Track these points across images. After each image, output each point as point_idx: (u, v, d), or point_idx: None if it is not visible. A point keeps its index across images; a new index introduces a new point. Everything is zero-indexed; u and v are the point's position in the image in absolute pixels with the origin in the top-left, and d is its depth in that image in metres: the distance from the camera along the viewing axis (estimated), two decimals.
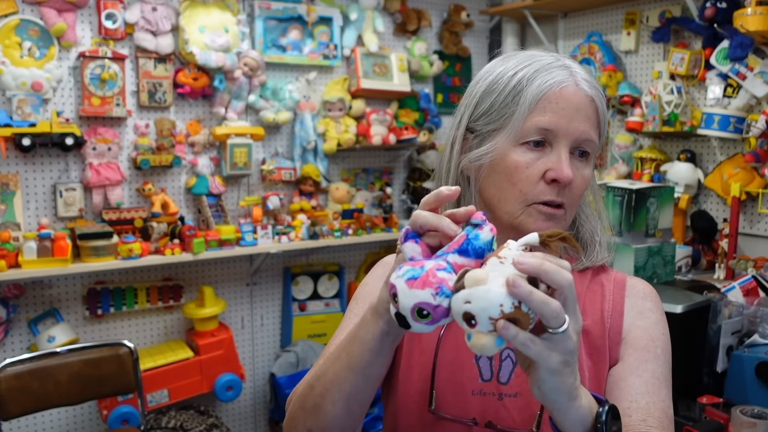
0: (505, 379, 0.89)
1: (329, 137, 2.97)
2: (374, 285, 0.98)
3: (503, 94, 0.88)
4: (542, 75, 0.86)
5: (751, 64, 2.34)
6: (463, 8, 3.30)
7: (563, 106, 0.86)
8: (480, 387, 0.89)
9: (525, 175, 0.86)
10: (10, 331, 2.51)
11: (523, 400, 0.88)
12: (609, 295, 0.93)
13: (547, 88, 0.85)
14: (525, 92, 0.86)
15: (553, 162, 0.85)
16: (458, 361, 0.90)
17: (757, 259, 2.27)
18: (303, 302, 3.11)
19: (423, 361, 0.91)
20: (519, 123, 0.86)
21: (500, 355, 0.90)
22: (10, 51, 2.36)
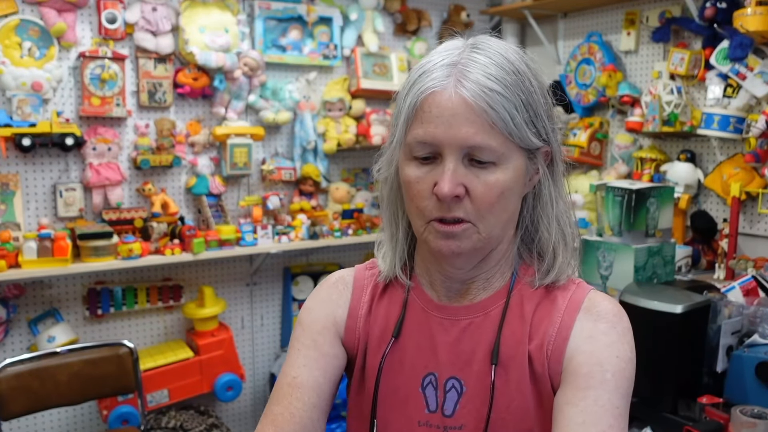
0: (449, 411, 0.86)
1: (329, 137, 2.97)
2: (320, 311, 0.95)
3: (398, 105, 0.83)
4: (420, 81, 0.79)
5: (750, 64, 2.34)
6: (463, 8, 3.30)
7: (437, 113, 0.77)
8: (426, 417, 0.86)
9: (417, 190, 0.80)
10: (10, 331, 2.51)
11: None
12: (558, 317, 0.85)
13: (419, 96, 0.78)
14: (404, 102, 0.80)
15: (438, 175, 0.78)
16: (404, 390, 0.88)
17: (757, 259, 2.27)
18: (303, 302, 3.10)
19: (368, 388, 0.91)
20: (401, 137, 0.81)
21: (444, 386, 0.86)
22: (10, 51, 2.36)
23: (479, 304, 0.88)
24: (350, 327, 0.93)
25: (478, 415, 0.84)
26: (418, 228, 0.83)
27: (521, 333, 0.85)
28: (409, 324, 0.90)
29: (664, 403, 1.71)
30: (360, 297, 0.94)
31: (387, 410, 0.89)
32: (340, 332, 0.93)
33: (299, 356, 0.90)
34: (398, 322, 0.90)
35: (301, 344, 0.92)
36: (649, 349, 1.73)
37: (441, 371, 0.87)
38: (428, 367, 0.87)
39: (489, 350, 0.85)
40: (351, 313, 0.94)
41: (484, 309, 0.87)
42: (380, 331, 0.92)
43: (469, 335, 0.86)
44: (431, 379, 0.87)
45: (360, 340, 0.93)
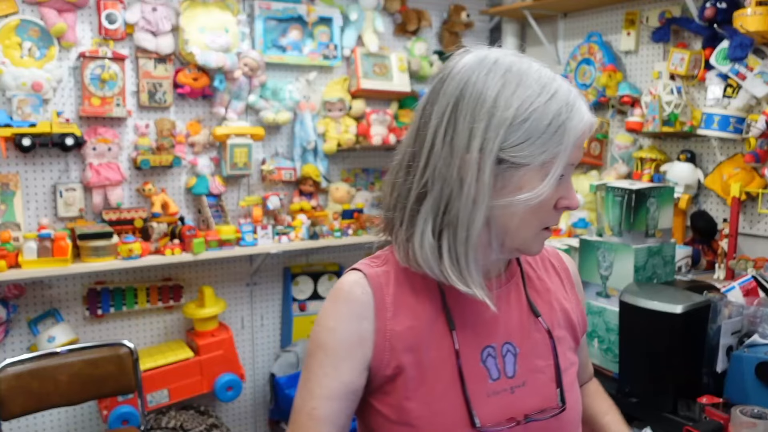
0: (511, 372, 0.93)
1: (329, 137, 2.97)
2: (344, 331, 0.89)
3: (541, 125, 0.83)
4: (576, 111, 0.85)
5: (750, 64, 2.34)
6: (463, 8, 3.30)
7: (583, 140, 0.87)
8: (492, 387, 0.91)
9: (547, 206, 0.87)
10: (10, 331, 2.51)
11: (531, 386, 0.93)
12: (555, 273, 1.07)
13: (583, 127, 0.86)
14: (567, 128, 0.84)
15: (564, 191, 0.88)
16: (468, 371, 0.90)
17: (757, 260, 2.27)
18: (303, 302, 3.11)
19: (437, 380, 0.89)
20: (562, 161, 0.85)
21: (501, 352, 0.93)
22: (10, 51, 2.36)
23: (504, 277, 0.97)
24: (380, 333, 0.89)
25: (533, 367, 0.94)
26: (528, 237, 0.89)
27: (543, 289, 1.01)
28: (453, 308, 0.92)
29: (664, 403, 1.71)
30: (383, 300, 0.90)
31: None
32: (368, 349, 0.89)
33: (320, 385, 0.89)
34: (447, 313, 0.91)
35: (323, 372, 0.89)
36: (649, 349, 1.73)
37: (496, 340, 0.93)
38: (484, 341, 0.93)
39: (526, 310, 0.97)
40: (378, 320, 0.89)
41: (508, 279, 0.98)
42: (418, 323, 0.90)
43: (506, 303, 0.95)
44: (489, 350, 0.93)
45: (390, 344, 0.89)
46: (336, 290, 0.93)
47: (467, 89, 0.85)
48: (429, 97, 0.90)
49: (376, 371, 0.89)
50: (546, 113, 0.83)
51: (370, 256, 0.98)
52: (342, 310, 0.90)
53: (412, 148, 0.90)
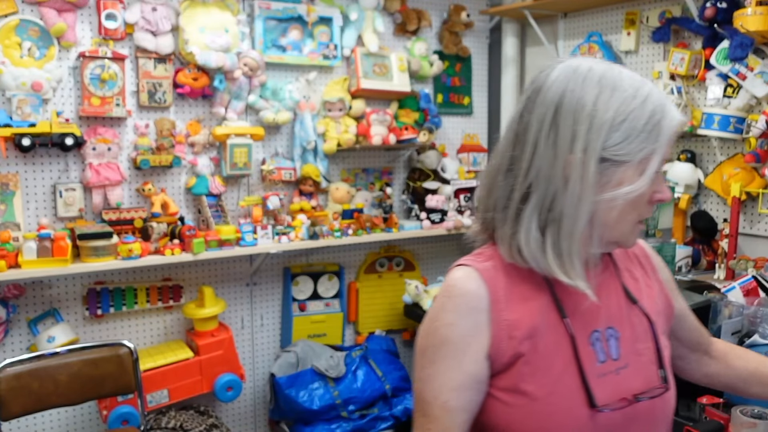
0: (615, 355, 0.99)
1: (329, 137, 2.97)
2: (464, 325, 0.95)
3: (639, 124, 0.91)
4: (667, 111, 0.93)
5: (751, 64, 2.34)
6: (463, 8, 3.30)
7: (674, 139, 0.95)
8: (600, 370, 0.97)
9: (643, 200, 0.95)
10: (10, 331, 2.51)
11: (634, 368, 1.00)
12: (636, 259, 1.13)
13: (676, 124, 0.94)
14: (662, 125, 0.92)
15: (657, 185, 0.95)
16: (582, 353, 0.97)
17: (757, 260, 2.27)
18: (303, 302, 3.11)
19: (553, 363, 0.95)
20: (659, 157, 0.93)
21: (605, 335, 1.00)
22: (10, 51, 2.36)
23: (599, 267, 1.04)
24: (496, 324, 0.95)
25: (634, 350, 1.01)
26: (625, 231, 0.96)
27: (632, 278, 1.08)
28: (561, 298, 0.99)
29: None
30: (496, 292, 0.96)
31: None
32: (485, 339, 0.95)
33: (448, 379, 0.95)
34: (556, 302, 0.98)
35: (448, 366, 0.95)
36: None
37: (600, 325, 1.00)
38: (591, 326, 0.99)
39: (623, 298, 1.04)
40: (494, 311, 0.95)
41: (604, 269, 1.05)
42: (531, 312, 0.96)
43: (605, 291, 1.02)
44: (596, 335, 0.99)
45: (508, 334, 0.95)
46: (449, 286, 0.98)
47: (566, 96, 0.92)
48: (525, 106, 0.97)
49: (494, 359, 0.95)
50: (642, 114, 0.91)
51: (472, 253, 1.04)
52: (459, 305, 0.96)
53: (511, 152, 0.98)
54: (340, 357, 2.96)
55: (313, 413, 2.78)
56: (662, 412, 1.01)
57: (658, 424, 1.02)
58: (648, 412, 0.99)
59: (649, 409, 0.99)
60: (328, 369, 2.87)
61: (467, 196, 3.27)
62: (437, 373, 0.95)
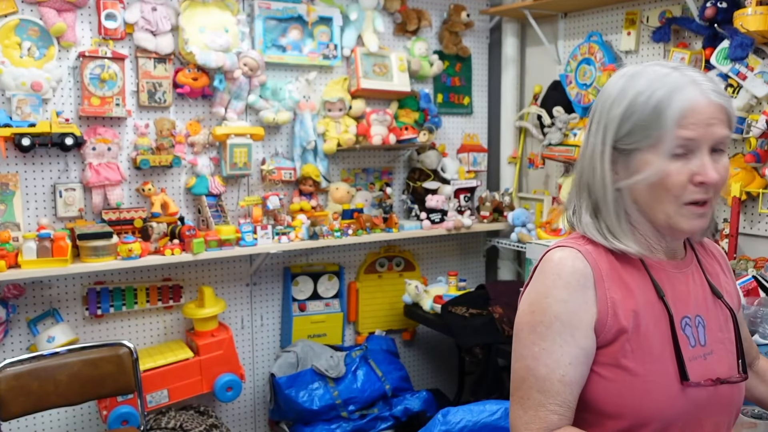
0: (703, 341, 1.07)
1: (329, 137, 2.97)
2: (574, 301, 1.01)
3: (643, 116, 1.00)
4: (678, 95, 0.99)
5: (751, 64, 2.34)
6: (463, 8, 3.30)
7: (699, 118, 0.98)
8: (691, 353, 1.04)
9: (676, 181, 1.00)
10: (10, 331, 2.51)
11: (718, 355, 1.08)
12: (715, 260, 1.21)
13: (685, 107, 0.98)
14: (666, 113, 0.99)
15: (698, 167, 0.99)
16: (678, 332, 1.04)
17: (757, 260, 2.27)
18: (303, 302, 3.11)
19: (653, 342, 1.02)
20: (668, 140, 0.99)
21: (695, 321, 1.07)
22: (10, 51, 2.36)
23: (687, 260, 1.13)
24: (602, 301, 1.01)
25: (717, 338, 1.09)
26: (670, 212, 1.02)
27: (714, 274, 1.17)
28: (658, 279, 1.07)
29: None
30: (600, 271, 1.03)
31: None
32: (593, 314, 1.01)
33: (563, 354, 1.00)
34: (654, 282, 1.06)
35: (563, 340, 1.00)
36: None
37: (690, 312, 1.08)
38: (681, 311, 1.07)
39: (708, 290, 1.12)
40: (599, 289, 1.02)
41: (690, 262, 1.14)
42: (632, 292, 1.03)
43: (693, 282, 1.11)
44: (687, 320, 1.07)
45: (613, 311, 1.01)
46: (557, 265, 1.04)
47: (600, 98, 1.08)
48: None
49: (599, 334, 1.01)
50: (648, 104, 1.00)
51: (565, 237, 1.13)
52: (570, 282, 1.02)
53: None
54: (340, 357, 2.96)
55: (313, 413, 2.78)
56: (738, 399, 1.09)
57: (733, 410, 1.09)
58: (728, 397, 1.06)
59: (729, 394, 1.06)
60: (328, 369, 2.87)
61: (467, 196, 3.27)
62: (552, 348, 1.00)
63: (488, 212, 3.23)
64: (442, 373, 3.54)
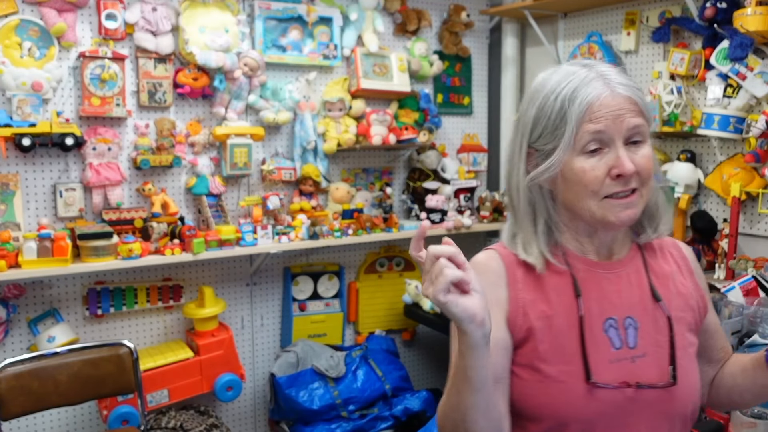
0: (633, 344, 1.04)
1: (329, 137, 2.97)
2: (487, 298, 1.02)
3: (551, 117, 1.02)
4: (581, 92, 1.00)
5: (751, 64, 2.34)
6: (463, 8, 3.30)
7: (606, 111, 0.99)
8: (614, 355, 1.03)
9: (592, 176, 1.00)
10: (10, 331, 2.51)
11: (651, 358, 1.04)
12: (674, 262, 1.15)
13: (588, 102, 0.99)
14: (570, 111, 1.00)
15: (613, 160, 1.00)
16: (592, 337, 1.03)
17: (757, 259, 2.27)
18: (303, 302, 3.11)
19: (565, 343, 1.02)
20: (571, 137, 1.00)
21: (624, 323, 1.05)
22: (10, 51, 2.36)
23: (626, 259, 1.11)
24: (513, 301, 1.04)
25: (654, 341, 1.06)
26: (591, 207, 1.02)
27: (663, 275, 1.11)
28: (580, 281, 1.06)
29: None
30: (514, 274, 1.06)
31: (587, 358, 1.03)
32: (505, 312, 1.04)
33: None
34: (575, 283, 1.05)
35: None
36: None
37: (617, 314, 1.06)
38: (606, 312, 1.05)
39: (647, 292, 1.09)
40: (511, 289, 1.05)
41: (629, 263, 1.10)
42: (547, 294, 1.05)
43: (628, 283, 1.08)
44: (611, 322, 1.05)
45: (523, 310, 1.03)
46: (474, 264, 1.07)
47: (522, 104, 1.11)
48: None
49: (512, 333, 1.03)
50: (555, 104, 1.01)
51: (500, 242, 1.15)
52: (482, 280, 1.00)
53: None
54: (340, 357, 2.96)
55: (313, 413, 2.78)
56: (669, 405, 1.04)
57: (667, 418, 1.04)
58: (653, 402, 1.02)
59: (654, 399, 1.02)
60: (328, 369, 2.87)
61: (467, 196, 3.27)
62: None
63: (488, 212, 3.23)
64: (442, 373, 3.54)
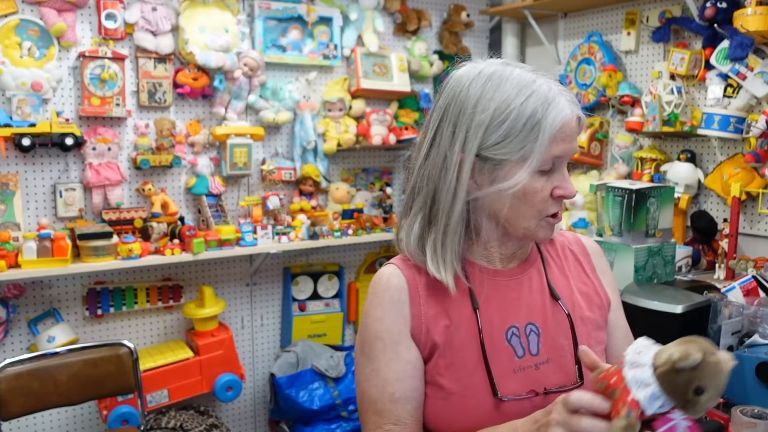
0: (535, 350, 1.01)
1: (329, 137, 2.97)
2: (390, 318, 0.99)
3: (518, 125, 0.93)
4: (553, 107, 0.93)
5: (751, 64, 2.34)
6: (463, 8, 3.30)
7: (569, 134, 0.95)
8: (518, 364, 0.99)
9: (541, 197, 0.96)
10: (10, 331, 2.51)
11: (555, 363, 1.01)
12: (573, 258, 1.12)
13: (561, 121, 0.93)
14: (542, 125, 0.93)
15: (559, 181, 0.97)
16: (494, 349, 0.99)
17: (757, 259, 2.27)
18: (303, 302, 3.11)
19: (467, 357, 0.98)
20: (541, 155, 0.93)
21: (525, 330, 1.01)
22: (10, 51, 2.36)
23: (524, 264, 1.06)
24: (416, 317, 0.99)
25: (556, 346, 1.02)
26: (530, 226, 0.98)
27: (561, 275, 1.08)
28: (478, 293, 1.01)
29: None
30: (416, 286, 1.01)
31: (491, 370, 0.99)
32: (410, 330, 1.00)
33: (390, 371, 0.98)
34: (472, 295, 1.01)
35: (388, 358, 0.99)
36: None
37: (520, 321, 1.02)
38: (508, 321, 1.01)
39: (547, 293, 1.05)
40: (413, 305, 1.00)
41: (530, 265, 1.07)
42: (447, 307, 1.00)
43: (528, 288, 1.04)
44: (513, 330, 1.01)
45: (426, 327, 0.99)
46: (375, 283, 1.03)
47: (454, 99, 0.97)
48: (431, 108, 1.03)
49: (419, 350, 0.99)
50: (522, 114, 0.93)
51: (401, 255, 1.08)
52: (384, 299, 1.01)
53: (413, 152, 1.04)
54: (340, 357, 2.96)
55: (313, 413, 2.78)
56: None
57: None
58: None
59: None
60: (328, 369, 2.87)
61: None
62: (378, 368, 0.99)
63: None
64: None
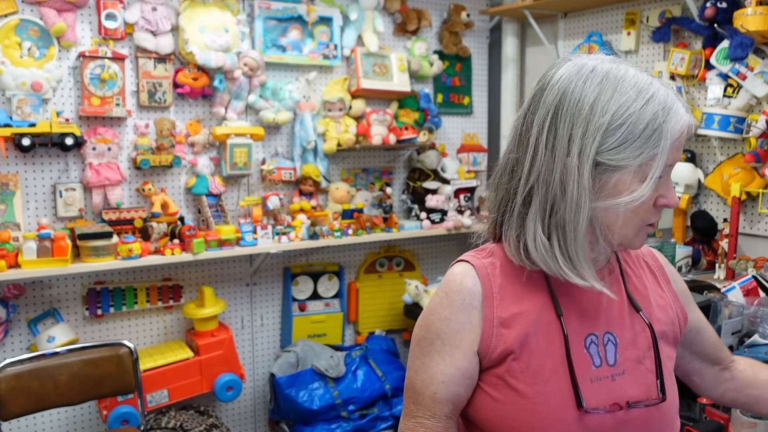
0: (612, 361, 0.98)
1: (329, 137, 2.97)
2: (457, 321, 0.97)
3: (637, 129, 0.88)
4: (673, 113, 0.89)
5: (751, 64, 2.34)
6: (463, 8, 3.30)
7: (683, 142, 0.92)
8: (595, 374, 0.96)
9: (648, 205, 0.92)
10: (10, 331, 2.51)
11: (631, 375, 0.98)
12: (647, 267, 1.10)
13: (680, 129, 0.90)
14: (664, 130, 0.88)
15: (664, 190, 0.93)
16: (576, 355, 0.96)
17: (757, 259, 2.27)
18: (303, 302, 3.11)
19: (544, 363, 0.95)
20: (664, 163, 0.90)
21: (603, 341, 0.99)
22: (10, 51, 2.36)
23: (604, 271, 1.02)
24: (487, 321, 0.96)
25: (633, 357, 0.99)
26: (629, 234, 0.94)
27: (641, 286, 1.06)
28: (559, 297, 0.98)
29: None
30: (490, 289, 0.97)
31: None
32: (476, 335, 0.97)
33: (438, 372, 0.98)
34: (554, 300, 0.98)
35: (441, 359, 0.98)
36: None
37: (599, 330, 0.99)
38: (587, 329, 0.98)
39: (626, 304, 1.02)
40: (486, 308, 0.97)
41: (609, 273, 1.03)
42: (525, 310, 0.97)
43: (607, 295, 0.99)
44: (593, 338, 0.98)
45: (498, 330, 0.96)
46: (448, 282, 1.00)
47: (566, 97, 0.91)
48: (529, 106, 0.96)
49: (483, 356, 0.97)
50: (642, 117, 0.88)
51: (476, 248, 1.05)
52: (454, 300, 0.98)
53: (515, 154, 0.97)
54: (340, 357, 2.96)
55: (313, 413, 2.78)
56: (660, 423, 0.99)
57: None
58: (643, 421, 0.97)
59: (644, 418, 0.97)
60: (328, 369, 2.87)
61: (467, 196, 3.27)
62: (429, 365, 0.99)
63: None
64: None
